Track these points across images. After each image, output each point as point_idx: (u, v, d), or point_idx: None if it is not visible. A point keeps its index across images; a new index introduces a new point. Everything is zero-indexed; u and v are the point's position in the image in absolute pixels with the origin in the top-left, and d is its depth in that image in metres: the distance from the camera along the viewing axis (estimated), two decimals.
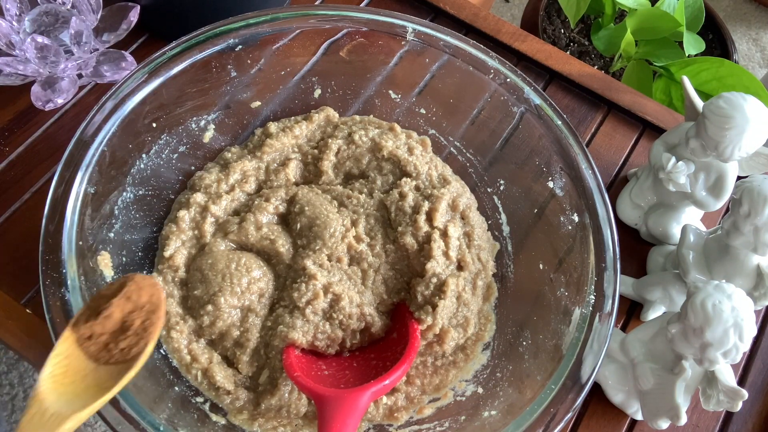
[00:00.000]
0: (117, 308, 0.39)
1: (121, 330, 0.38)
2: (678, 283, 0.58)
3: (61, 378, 0.36)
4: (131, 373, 0.37)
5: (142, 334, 0.38)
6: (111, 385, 0.36)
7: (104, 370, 0.37)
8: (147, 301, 0.39)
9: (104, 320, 0.38)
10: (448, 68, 0.60)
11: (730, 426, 0.59)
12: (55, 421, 0.33)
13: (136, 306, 0.39)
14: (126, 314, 0.39)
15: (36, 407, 0.34)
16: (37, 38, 0.58)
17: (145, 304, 0.39)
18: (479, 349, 0.55)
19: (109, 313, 0.38)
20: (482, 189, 0.62)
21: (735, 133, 0.51)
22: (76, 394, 0.35)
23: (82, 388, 0.36)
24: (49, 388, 0.35)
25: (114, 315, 0.38)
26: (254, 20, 0.56)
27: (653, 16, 0.97)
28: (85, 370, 0.37)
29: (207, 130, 0.60)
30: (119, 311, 0.39)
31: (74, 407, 0.34)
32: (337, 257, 0.54)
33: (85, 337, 0.38)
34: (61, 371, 0.36)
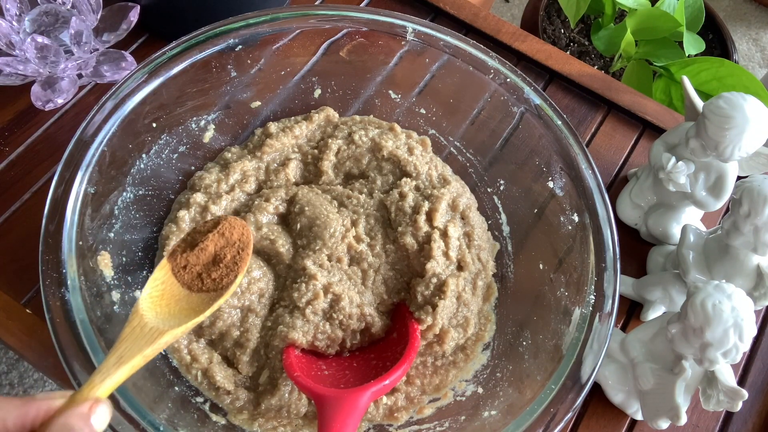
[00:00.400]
0: (211, 242, 0.42)
1: (213, 262, 0.42)
2: (678, 283, 0.58)
3: (158, 300, 0.40)
4: (221, 300, 0.40)
5: (232, 267, 0.42)
6: (203, 310, 0.40)
7: (196, 296, 0.41)
8: (237, 239, 0.43)
9: (199, 252, 0.42)
10: (448, 68, 0.60)
11: (730, 426, 0.59)
12: (153, 334, 0.37)
13: (228, 242, 0.43)
14: (219, 249, 0.42)
15: (137, 321, 0.38)
16: (37, 38, 0.58)
17: (236, 241, 0.43)
18: (479, 349, 0.55)
19: (203, 246, 0.42)
20: (482, 189, 0.62)
21: (735, 133, 0.51)
22: (171, 314, 0.39)
23: (176, 310, 0.40)
24: (147, 307, 0.39)
25: (208, 248, 0.42)
26: (254, 20, 0.56)
27: (653, 16, 0.97)
28: (179, 296, 0.40)
29: (207, 130, 0.60)
30: (213, 245, 0.42)
31: (170, 325, 0.38)
32: (337, 257, 0.54)
33: (181, 266, 0.42)
34: (158, 294, 0.40)
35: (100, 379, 0.34)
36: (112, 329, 0.47)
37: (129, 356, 0.36)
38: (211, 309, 0.40)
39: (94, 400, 0.32)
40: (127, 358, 0.36)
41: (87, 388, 0.34)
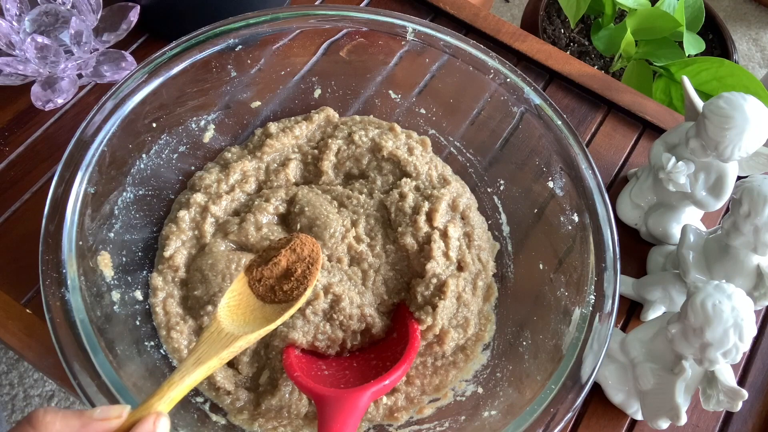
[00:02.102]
0: (284, 258, 0.45)
1: (285, 276, 0.45)
2: (678, 283, 0.58)
3: (234, 309, 0.43)
4: (291, 311, 0.44)
5: (302, 281, 0.45)
6: (274, 319, 0.43)
7: (269, 307, 0.44)
8: (308, 255, 0.46)
9: (272, 266, 0.45)
10: (448, 68, 0.60)
11: (730, 426, 0.59)
12: (229, 339, 0.40)
13: (299, 257, 0.46)
14: (291, 263, 0.45)
15: (215, 326, 0.41)
16: (37, 38, 0.58)
17: (307, 257, 0.46)
18: (479, 350, 0.55)
19: (276, 261, 0.45)
20: (482, 189, 0.62)
21: (735, 133, 0.51)
22: (246, 322, 0.42)
23: (250, 318, 0.43)
24: (225, 315, 0.42)
25: (281, 263, 0.45)
26: (254, 20, 0.56)
27: (653, 16, 0.97)
28: (254, 306, 0.44)
29: (207, 130, 0.60)
30: (285, 260, 0.45)
31: (244, 331, 0.41)
32: (337, 258, 0.54)
33: (256, 279, 0.45)
34: (235, 303, 0.43)
35: (179, 377, 0.37)
36: (112, 329, 0.47)
37: (206, 358, 0.39)
38: (282, 318, 0.43)
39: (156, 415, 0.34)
40: (204, 359, 0.39)
41: (167, 385, 0.36)
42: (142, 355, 0.49)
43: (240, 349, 0.41)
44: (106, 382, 0.42)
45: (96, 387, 0.42)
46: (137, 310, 0.51)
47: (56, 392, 1.15)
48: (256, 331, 0.42)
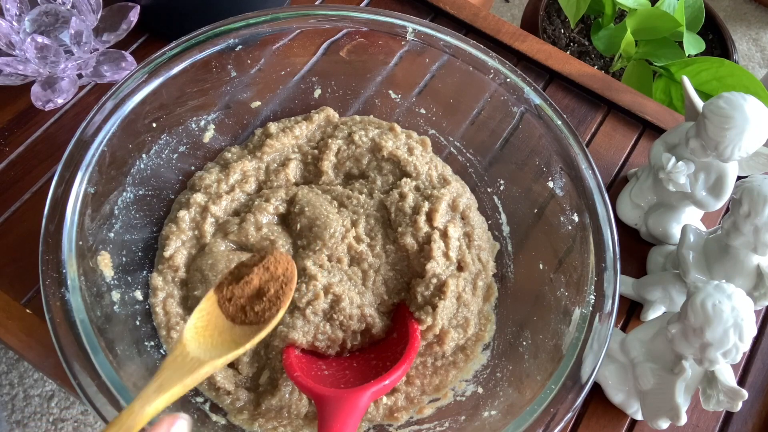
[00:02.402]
0: (256, 276, 0.43)
1: (257, 296, 0.43)
2: (678, 283, 0.58)
3: (202, 330, 0.40)
4: (262, 334, 0.41)
5: (275, 301, 0.42)
6: (243, 342, 0.40)
7: (239, 329, 0.41)
8: (282, 273, 0.43)
9: (244, 285, 0.42)
10: (448, 68, 0.60)
11: (730, 426, 0.59)
12: (194, 365, 0.38)
13: (273, 276, 0.43)
14: (263, 282, 0.43)
15: (179, 350, 0.38)
16: (37, 38, 0.58)
17: (280, 275, 0.43)
18: (479, 350, 0.55)
19: (249, 279, 0.43)
20: (482, 189, 0.62)
21: (735, 133, 0.51)
22: (214, 345, 0.40)
23: (219, 341, 0.40)
24: (191, 337, 0.39)
25: (253, 282, 0.43)
26: (254, 20, 0.56)
27: (653, 16, 0.97)
28: (223, 327, 0.41)
29: (207, 130, 0.60)
30: (257, 279, 0.43)
31: (211, 356, 0.39)
32: (337, 258, 0.54)
33: (226, 298, 0.42)
34: (203, 324, 0.41)
35: (140, 406, 0.35)
36: (112, 329, 0.47)
37: (169, 385, 0.37)
38: (251, 342, 0.41)
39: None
40: (167, 387, 0.36)
41: (126, 414, 0.34)
42: (142, 355, 0.49)
43: (205, 375, 0.38)
44: (106, 382, 0.42)
45: (96, 387, 0.42)
46: (137, 310, 0.51)
47: (56, 392, 1.15)
48: (223, 355, 0.39)
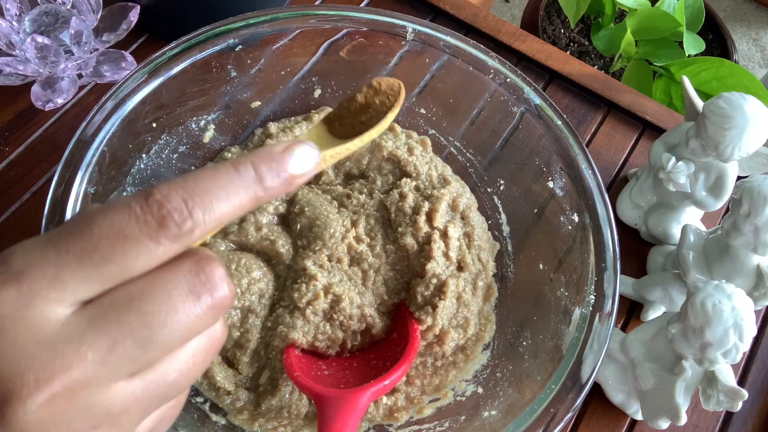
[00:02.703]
0: (361, 94, 0.41)
1: (362, 109, 0.41)
2: (678, 283, 0.58)
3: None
4: (376, 129, 0.38)
5: (381, 109, 0.40)
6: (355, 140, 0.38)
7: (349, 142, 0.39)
8: (387, 89, 0.41)
9: (349, 103, 0.41)
10: (448, 68, 0.60)
11: (730, 426, 0.59)
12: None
13: (377, 92, 0.41)
14: (369, 98, 0.41)
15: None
16: (37, 38, 0.58)
17: (386, 90, 0.41)
18: (479, 350, 0.55)
19: (354, 98, 0.41)
20: (482, 189, 0.62)
21: (735, 133, 0.51)
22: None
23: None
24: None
25: (358, 99, 0.41)
26: (254, 20, 0.56)
27: (653, 16, 0.97)
28: (332, 144, 0.38)
29: (207, 130, 0.60)
30: (362, 96, 0.41)
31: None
32: (337, 258, 0.54)
33: (334, 123, 0.40)
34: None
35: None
36: None
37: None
38: (365, 137, 0.38)
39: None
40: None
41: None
42: None
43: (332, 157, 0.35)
44: None
45: None
46: None
47: None
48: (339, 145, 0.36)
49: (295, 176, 0.27)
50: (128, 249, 0.22)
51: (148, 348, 0.22)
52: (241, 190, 0.24)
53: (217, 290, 0.23)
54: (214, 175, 0.24)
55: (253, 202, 0.25)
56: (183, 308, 0.22)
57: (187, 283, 0.23)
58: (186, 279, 0.23)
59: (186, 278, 0.23)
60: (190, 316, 0.23)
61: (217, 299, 0.23)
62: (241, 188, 0.24)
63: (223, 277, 0.24)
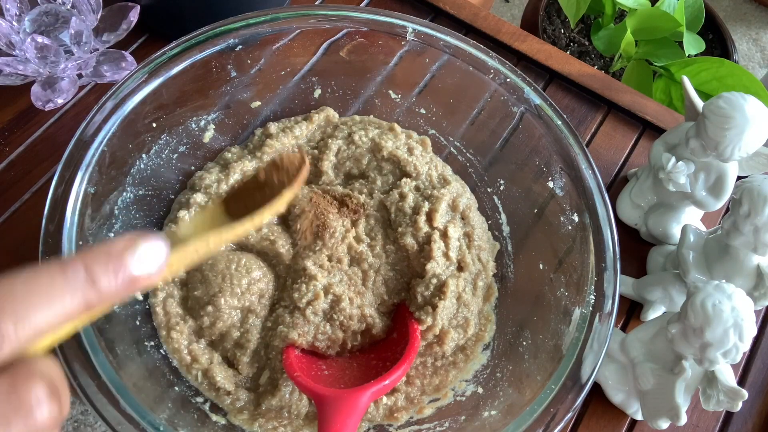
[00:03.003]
0: (262, 171, 0.39)
1: (259, 187, 0.38)
2: (678, 283, 0.58)
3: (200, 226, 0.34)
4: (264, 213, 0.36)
5: (278, 188, 0.38)
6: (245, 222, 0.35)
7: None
8: (289, 163, 0.39)
9: (247, 182, 0.39)
10: (448, 68, 0.60)
11: (730, 426, 0.59)
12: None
13: (278, 168, 0.39)
14: (269, 175, 0.39)
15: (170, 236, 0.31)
16: (37, 38, 0.58)
17: (288, 165, 0.39)
18: (479, 350, 0.55)
19: (255, 175, 0.39)
20: (482, 189, 0.62)
21: (735, 133, 0.51)
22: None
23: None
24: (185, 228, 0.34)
25: (260, 176, 0.39)
26: (254, 20, 0.56)
27: (653, 16, 0.97)
28: (223, 222, 0.36)
29: (207, 130, 0.60)
30: (263, 173, 0.39)
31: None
32: (337, 258, 0.54)
33: (230, 202, 0.37)
34: (199, 222, 0.35)
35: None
36: (112, 329, 0.47)
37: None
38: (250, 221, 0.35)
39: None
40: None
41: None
42: (142, 355, 0.49)
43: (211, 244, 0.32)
44: (106, 382, 0.42)
45: (96, 387, 0.42)
46: (137, 310, 0.51)
47: None
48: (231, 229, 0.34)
49: (137, 277, 0.24)
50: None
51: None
52: (66, 295, 0.21)
53: (31, 415, 0.20)
54: (33, 278, 0.21)
55: (83, 307, 0.22)
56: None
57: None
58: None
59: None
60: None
61: (33, 425, 0.21)
62: (67, 293, 0.21)
63: (42, 398, 0.21)
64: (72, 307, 0.22)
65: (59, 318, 0.21)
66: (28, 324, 0.21)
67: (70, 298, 0.22)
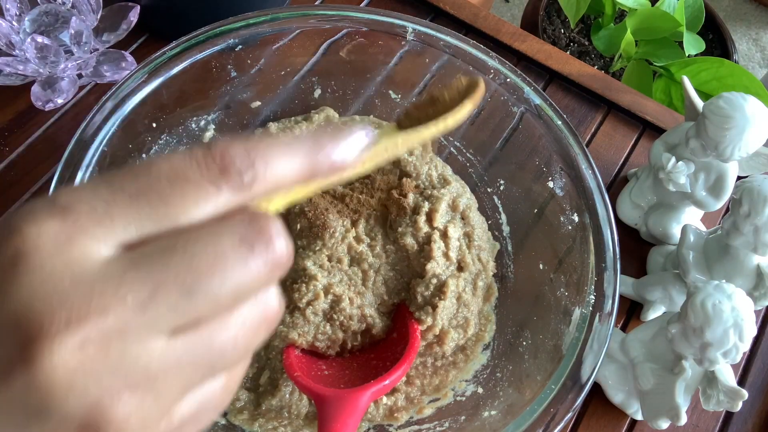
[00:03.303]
0: (434, 90, 0.37)
1: (432, 103, 0.37)
2: (678, 283, 0.58)
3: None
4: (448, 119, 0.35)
5: (450, 103, 0.37)
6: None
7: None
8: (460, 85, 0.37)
9: (417, 103, 0.37)
10: (448, 68, 0.60)
11: (730, 426, 0.59)
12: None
13: (450, 87, 0.38)
14: (439, 93, 0.37)
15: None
16: (37, 38, 0.58)
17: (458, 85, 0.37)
18: (479, 350, 0.55)
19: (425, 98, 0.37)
20: (482, 189, 0.62)
21: (735, 133, 0.51)
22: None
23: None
24: None
25: (431, 93, 0.37)
26: (254, 20, 0.56)
27: (653, 16, 0.97)
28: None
29: (207, 130, 0.60)
30: (435, 91, 0.37)
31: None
32: (337, 258, 0.54)
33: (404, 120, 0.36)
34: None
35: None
36: None
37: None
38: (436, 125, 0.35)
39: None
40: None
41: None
42: None
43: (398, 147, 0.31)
44: None
45: None
46: None
47: None
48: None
49: (346, 160, 0.25)
50: (187, 192, 0.20)
51: (193, 297, 0.19)
52: (301, 153, 0.23)
53: (272, 243, 0.21)
54: (275, 137, 0.23)
55: (310, 171, 0.23)
56: (233, 256, 0.20)
57: (239, 231, 0.21)
58: (239, 226, 0.21)
59: (239, 225, 0.21)
60: (242, 267, 0.20)
61: (272, 254, 0.21)
62: (301, 152, 0.23)
63: (280, 232, 0.22)
64: (304, 167, 0.23)
65: (294, 175, 0.23)
66: (275, 169, 0.22)
67: (303, 158, 0.23)
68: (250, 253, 0.21)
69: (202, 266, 0.20)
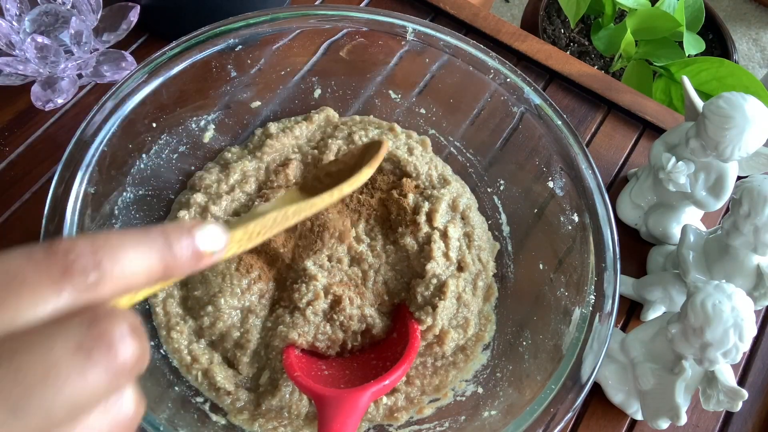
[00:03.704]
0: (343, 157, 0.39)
1: (336, 170, 0.38)
2: (678, 283, 0.58)
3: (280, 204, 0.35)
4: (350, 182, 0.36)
5: (355, 168, 0.37)
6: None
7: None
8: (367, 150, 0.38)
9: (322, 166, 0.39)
10: (448, 68, 0.60)
11: (730, 426, 0.59)
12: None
13: (355, 153, 0.39)
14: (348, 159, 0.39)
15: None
16: (37, 38, 0.58)
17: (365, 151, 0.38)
18: (479, 350, 0.55)
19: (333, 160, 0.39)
20: (482, 189, 0.62)
21: (735, 133, 0.51)
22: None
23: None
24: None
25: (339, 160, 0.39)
26: (254, 20, 0.56)
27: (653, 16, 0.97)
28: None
29: (207, 130, 0.60)
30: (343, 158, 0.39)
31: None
32: (337, 258, 0.54)
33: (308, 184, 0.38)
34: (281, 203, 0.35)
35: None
36: None
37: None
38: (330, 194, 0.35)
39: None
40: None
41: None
42: None
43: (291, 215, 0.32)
44: None
45: None
46: (137, 310, 0.51)
47: None
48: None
49: (202, 252, 0.24)
50: (22, 295, 0.18)
51: (21, 414, 0.17)
52: (152, 251, 0.22)
53: (113, 348, 0.19)
54: (123, 233, 0.22)
55: (162, 267, 0.22)
56: (68, 365, 0.18)
57: (75, 337, 0.18)
58: (75, 331, 0.19)
59: (75, 330, 0.19)
60: (77, 377, 0.18)
61: (114, 360, 0.19)
62: (153, 250, 0.22)
63: (124, 334, 0.19)
64: (155, 263, 0.22)
65: (145, 273, 0.22)
66: (123, 269, 0.21)
67: (154, 255, 0.22)
68: (87, 361, 0.18)
69: (30, 379, 0.18)
